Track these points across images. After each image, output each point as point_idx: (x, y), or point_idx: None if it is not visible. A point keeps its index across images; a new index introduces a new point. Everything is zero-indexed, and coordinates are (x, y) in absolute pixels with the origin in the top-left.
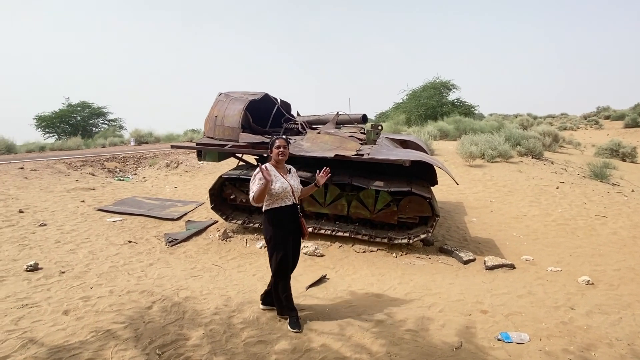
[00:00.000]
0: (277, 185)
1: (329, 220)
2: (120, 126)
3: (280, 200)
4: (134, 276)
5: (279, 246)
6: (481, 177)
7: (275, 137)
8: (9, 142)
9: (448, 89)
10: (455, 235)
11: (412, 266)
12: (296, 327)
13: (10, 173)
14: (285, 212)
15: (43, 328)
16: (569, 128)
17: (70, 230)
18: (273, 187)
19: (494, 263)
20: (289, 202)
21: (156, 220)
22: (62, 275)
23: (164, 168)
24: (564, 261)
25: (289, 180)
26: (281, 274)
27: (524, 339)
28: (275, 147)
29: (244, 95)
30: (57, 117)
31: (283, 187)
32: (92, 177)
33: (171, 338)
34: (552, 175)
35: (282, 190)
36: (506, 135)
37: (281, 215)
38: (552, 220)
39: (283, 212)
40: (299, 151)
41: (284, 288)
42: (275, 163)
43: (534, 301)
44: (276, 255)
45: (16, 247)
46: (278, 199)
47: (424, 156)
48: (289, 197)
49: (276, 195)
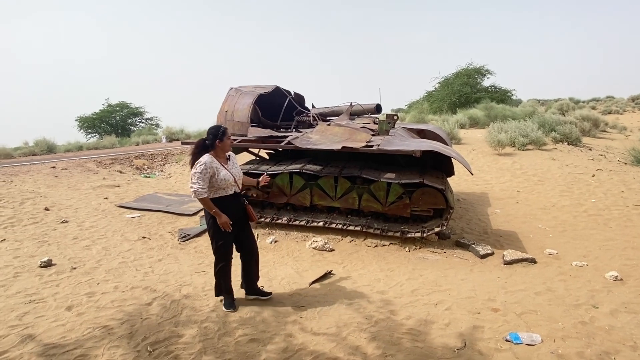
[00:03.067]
0: (220, 176)
1: (340, 214)
2: (157, 124)
3: (222, 190)
4: (141, 272)
5: (218, 234)
6: (510, 166)
7: (223, 127)
8: (50, 143)
9: (482, 75)
10: (475, 227)
11: (424, 261)
12: (231, 308)
13: (43, 172)
14: (228, 201)
15: (44, 324)
16: (614, 112)
17: (89, 226)
18: (216, 179)
19: (513, 257)
20: (230, 192)
21: (173, 215)
22: (73, 272)
23: (188, 164)
24: (592, 255)
25: (230, 169)
26: (221, 258)
27: (535, 340)
28: (227, 138)
29: (254, 89)
30: (97, 117)
31: (225, 178)
32: (119, 174)
33: (164, 335)
34: (588, 162)
35: (224, 181)
36: (539, 121)
37: (223, 204)
38: (584, 210)
39: (225, 200)
40: (306, 144)
41: (222, 272)
42: (221, 153)
43: (552, 299)
44: (216, 242)
45: (36, 244)
46: (220, 189)
47: (437, 146)
48: (231, 187)
49: (218, 186)
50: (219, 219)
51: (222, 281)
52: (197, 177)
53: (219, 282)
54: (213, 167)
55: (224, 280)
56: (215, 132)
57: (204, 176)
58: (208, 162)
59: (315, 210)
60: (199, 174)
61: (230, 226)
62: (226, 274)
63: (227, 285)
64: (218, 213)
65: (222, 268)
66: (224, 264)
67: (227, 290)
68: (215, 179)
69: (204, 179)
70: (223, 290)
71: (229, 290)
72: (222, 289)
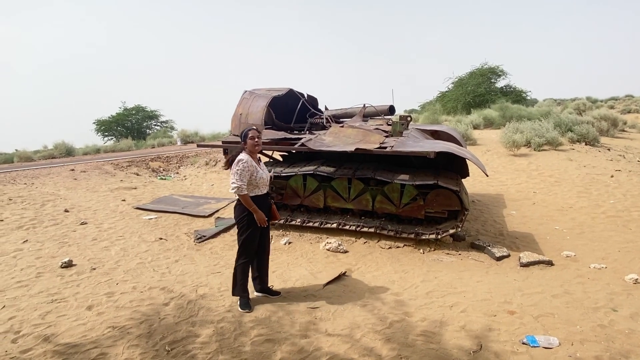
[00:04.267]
0: (259, 175)
1: (354, 216)
2: (172, 127)
3: (257, 189)
4: (158, 272)
5: (248, 230)
6: (526, 167)
7: (247, 129)
8: (69, 146)
9: (497, 75)
10: (490, 229)
11: (439, 263)
12: (246, 308)
13: (62, 175)
14: (261, 200)
15: (66, 322)
16: (634, 111)
17: (107, 228)
18: (255, 177)
19: (529, 259)
20: (264, 191)
21: (189, 217)
22: (93, 272)
23: (203, 166)
24: (611, 257)
25: (263, 170)
26: (247, 253)
27: (552, 343)
28: (250, 138)
29: (268, 91)
30: (114, 121)
31: (262, 176)
32: (136, 176)
33: (182, 335)
34: (607, 162)
35: (262, 179)
36: (555, 121)
37: (258, 202)
38: (602, 212)
39: (259, 199)
40: (319, 146)
41: (244, 267)
42: (251, 153)
43: (570, 301)
44: (245, 238)
45: (57, 245)
46: (256, 187)
47: (451, 147)
48: (265, 186)
49: (255, 184)
50: (256, 215)
51: (240, 277)
52: (239, 175)
53: (236, 277)
54: (253, 165)
55: (243, 277)
56: (240, 133)
57: (245, 173)
58: (248, 161)
59: (329, 212)
60: (240, 171)
61: (266, 222)
62: (246, 271)
63: (244, 283)
64: (256, 210)
65: (245, 264)
66: (247, 260)
67: (244, 288)
68: (255, 177)
69: (245, 175)
70: (239, 288)
71: (245, 288)
72: (238, 286)
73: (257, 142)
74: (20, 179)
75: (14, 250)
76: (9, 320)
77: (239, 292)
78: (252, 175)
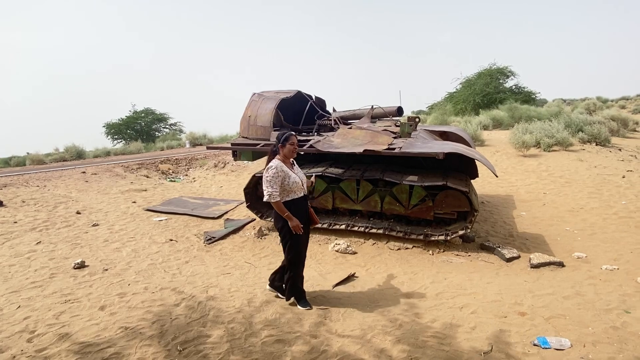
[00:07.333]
0: (291, 179)
1: (362, 217)
2: (180, 130)
3: (293, 192)
4: (169, 273)
5: (292, 240)
6: (535, 168)
7: (287, 133)
8: (79, 149)
9: (505, 76)
10: (500, 230)
11: (449, 264)
12: (307, 305)
13: (74, 177)
14: (299, 203)
15: (80, 322)
16: None
17: (119, 229)
18: (287, 182)
19: (540, 261)
20: (300, 194)
21: (198, 219)
22: (105, 273)
23: (212, 168)
24: (623, 258)
25: (298, 173)
26: (299, 262)
27: (564, 344)
28: (290, 144)
29: (276, 94)
30: (123, 123)
31: (295, 180)
32: (146, 179)
33: (193, 335)
34: (618, 163)
35: (295, 183)
36: (565, 121)
37: (295, 206)
38: (614, 212)
39: (297, 203)
40: (328, 147)
41: (298, 278)
42: (284, 158)
43: (582, 303)
44: (293, 245)
45: (69, 246)
46: (291, 191)
47: (460, 148)
48: (300, 190)
49: (290, 189)
50: (290, 222)
51: (299, 285)
52: (270, 182)
53: (296, 288)
54: (284, 170)
55: (300, 283)
56: (279, 137)
57: (276, 179)
58: (278, 166)
59: (338, 213)
60: (271, 178)
61: (301, 229)
62: (301, 278)
63: (301, 287)
64: (290, 217)
65: (299, 274)
66: (299, 270)
67: (301, 291)
68: (287, 182)
69: (276, 182)
70: (297, 293)
71: (302, 291)
72: (297, 293)
73: (295, 149)
74: (33, 182)
75: (28, 252)
76: (24, 320)
77: (303, 301)
78: (284, 181)
